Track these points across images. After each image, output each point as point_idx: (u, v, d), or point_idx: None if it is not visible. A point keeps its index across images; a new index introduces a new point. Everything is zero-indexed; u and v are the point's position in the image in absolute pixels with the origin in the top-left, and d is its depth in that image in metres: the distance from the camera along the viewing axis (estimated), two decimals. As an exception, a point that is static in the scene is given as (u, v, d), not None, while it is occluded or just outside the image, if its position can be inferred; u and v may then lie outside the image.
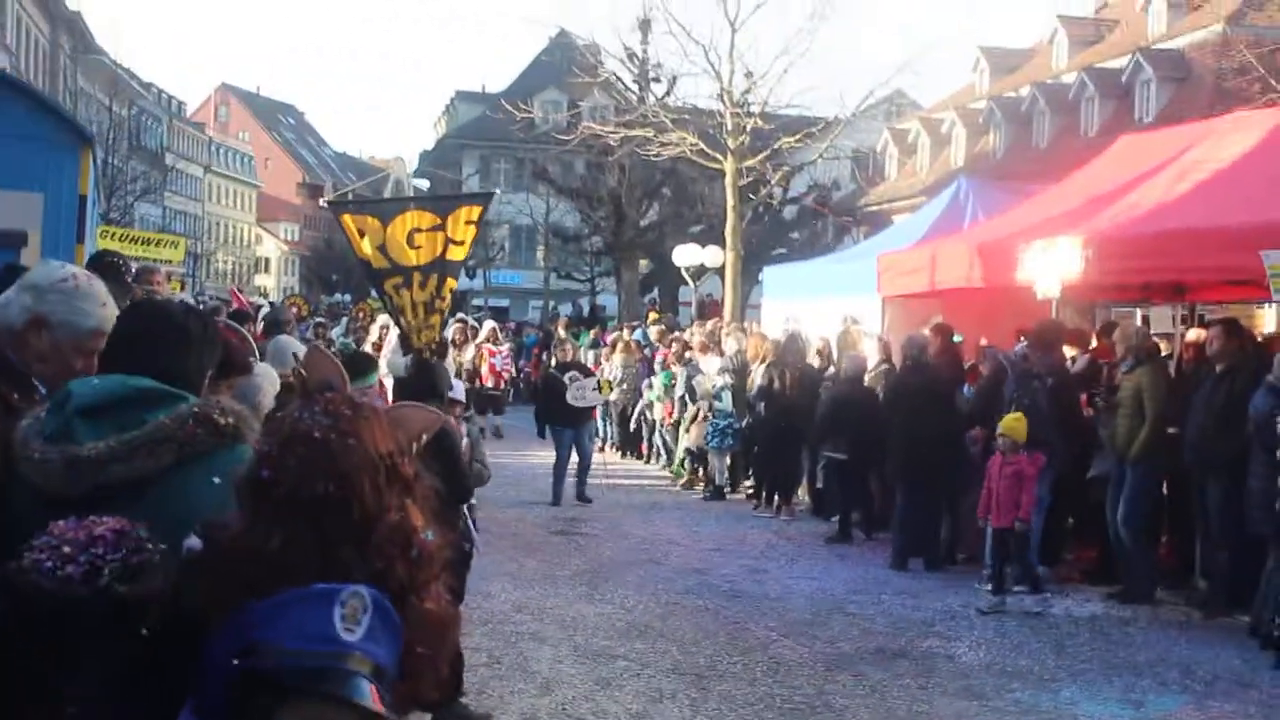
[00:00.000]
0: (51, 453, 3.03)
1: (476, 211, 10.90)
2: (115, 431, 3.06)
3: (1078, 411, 12.79)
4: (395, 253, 10.33)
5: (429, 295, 10.41)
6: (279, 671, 2.34)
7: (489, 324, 27.75)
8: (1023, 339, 13.24)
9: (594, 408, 19.00)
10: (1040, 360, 12.46)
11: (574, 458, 17.85)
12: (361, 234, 10.36)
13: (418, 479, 2.63)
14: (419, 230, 10.41)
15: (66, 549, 2.66)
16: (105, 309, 3.79)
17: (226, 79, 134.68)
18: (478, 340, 25.35)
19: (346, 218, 10.74)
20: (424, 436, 2.94)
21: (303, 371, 4.12)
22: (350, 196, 59.64)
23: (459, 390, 9.83)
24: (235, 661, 2.35)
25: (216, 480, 2.99)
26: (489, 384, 24.73)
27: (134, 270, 10.66)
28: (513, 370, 26.91)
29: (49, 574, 2.62)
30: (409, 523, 2.53)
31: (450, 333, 18.25)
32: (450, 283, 10.68)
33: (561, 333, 28.58)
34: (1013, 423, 11.70)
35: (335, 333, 27.33)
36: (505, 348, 26.53)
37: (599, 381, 18.96)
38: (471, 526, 8.71)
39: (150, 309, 3.68)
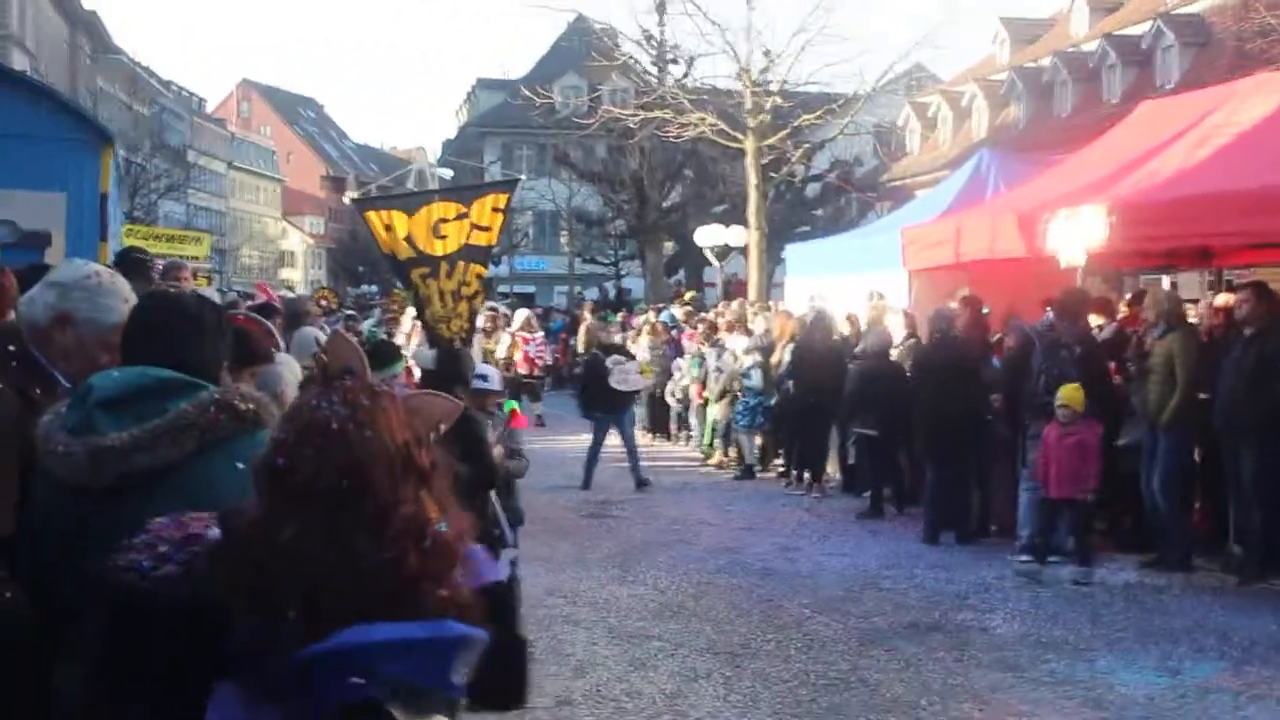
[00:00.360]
0: (75, 445, 3.06)
1: (503, 199, 10.89)
2: (136, 422, 3.08)
3: (1107, 380, 12.73)
4: (422, 243, 10.32)
5: (456, 284, 10.41)
6: (391, 700, 2.42)
7: (523, 312, 27.63)
8: (1049, 309, 13.18)
9: (636, 392, 18.80)
10: (1067, 330, 12.40)
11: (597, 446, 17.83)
12: (387, 228, 10.35)
13: (434, 469, 2.62)
14: (445, 220, 10.40)
15: (163, 548, 2.68)
16: (128, 305, 3.82)
17: (247, 74, 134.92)
18: (512, 328, 25.20)
19: (371, 214, 10.72)
20: (442, 425, 2.93)
21: (324, 356, 4.11)
22: (374, 191, 59.51)
23: (496, 380, 9.79)
24: (357, 681, 2.40)
25: (240, 465, 3.00)
26: (523, 371, 24.51)
27: (161, 267, 10.73)
28: (547, 358, 26.66)
29: (147, 573, 2.64)
30: (423, 514, 2.52)
31: (480, 320, 18.09)
32: (476, 268, 10.62)
33: (591, 316, 28.59)
34: (1072, 392, 11.60)
35: (367, 324, 27.33)
36: (540, 335, 26.35)
37: (640, 365, 18.71)
38: (500, 513, 8.73)
39: (164, 300, 3.70)
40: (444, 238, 10.36)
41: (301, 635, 2.42)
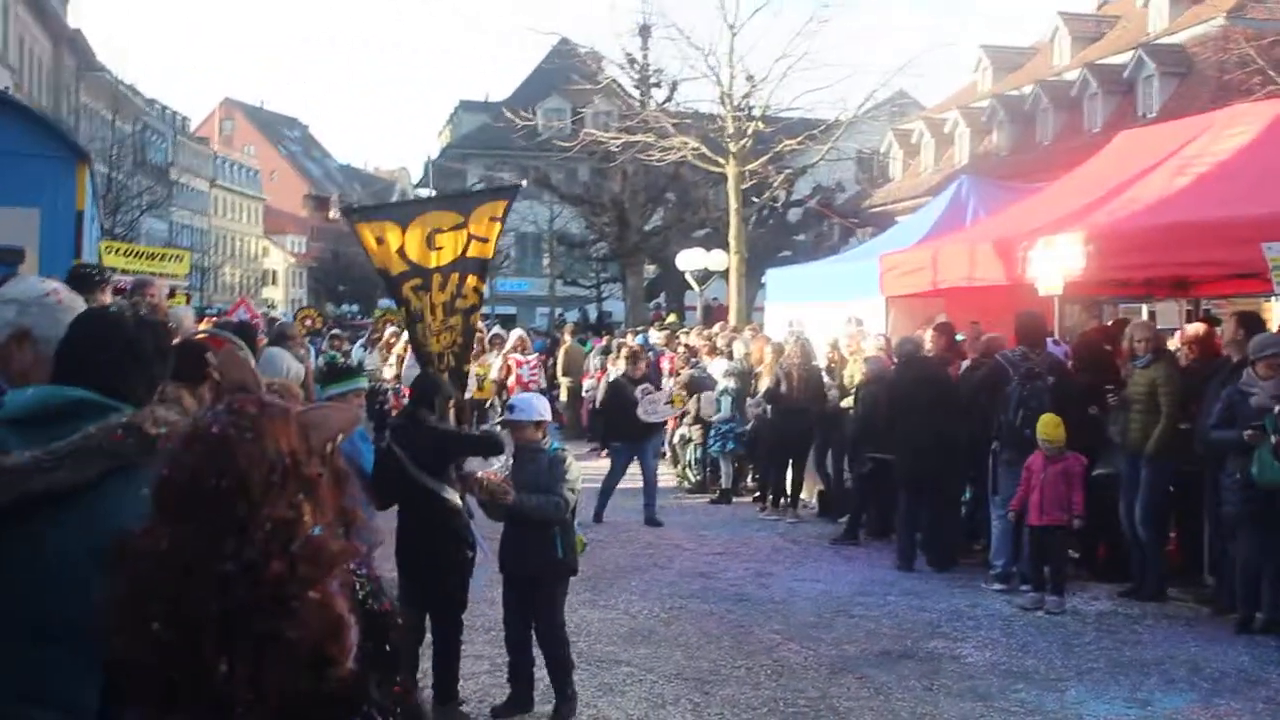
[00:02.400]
0: None
1: (501, 207, 10.48)
2: (47, 442, 3.02)
3: (1081, 409, 12.68)
4: (415, 255, 10.01)
5: (449, 295, 10.06)
6: None
7: (516, 332, 27.00)
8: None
9: (662, 423, 18.09)
10: (1041, 359, 12.36)
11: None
12: (379, 241, 10.04)
13: (324, 479, 2.62)
14: (440, 230, 10.06)
15: None
16: None
17: (230, 93, 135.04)
18: (505, 349, 24.55)
19: (362, 226, 10.40)
20: (340, 435, 2.92)
21: (216, 375, 4.10)
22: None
23: (530, 408, 8.67)
24: None
25: (145, 492, 2.96)
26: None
27: (126, 284, 10.63)
28: (541, 380, 25.52)
29: None
30: (296, 518, 2.51)
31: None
32: (473, 280, 10.22)
33: (571, 339, 28.30)
34: (1052, 428, 11.58)
35: (356, 347, 27.18)
36: (533, 358, 25.54)
37: (671, 395, 17.85)
38: (476, 533, 8.67)
39: (94, 319, 3.61)
40: (439, 249, 10.03)
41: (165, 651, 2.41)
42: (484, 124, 65.18)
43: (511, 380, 23.60)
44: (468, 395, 15.70)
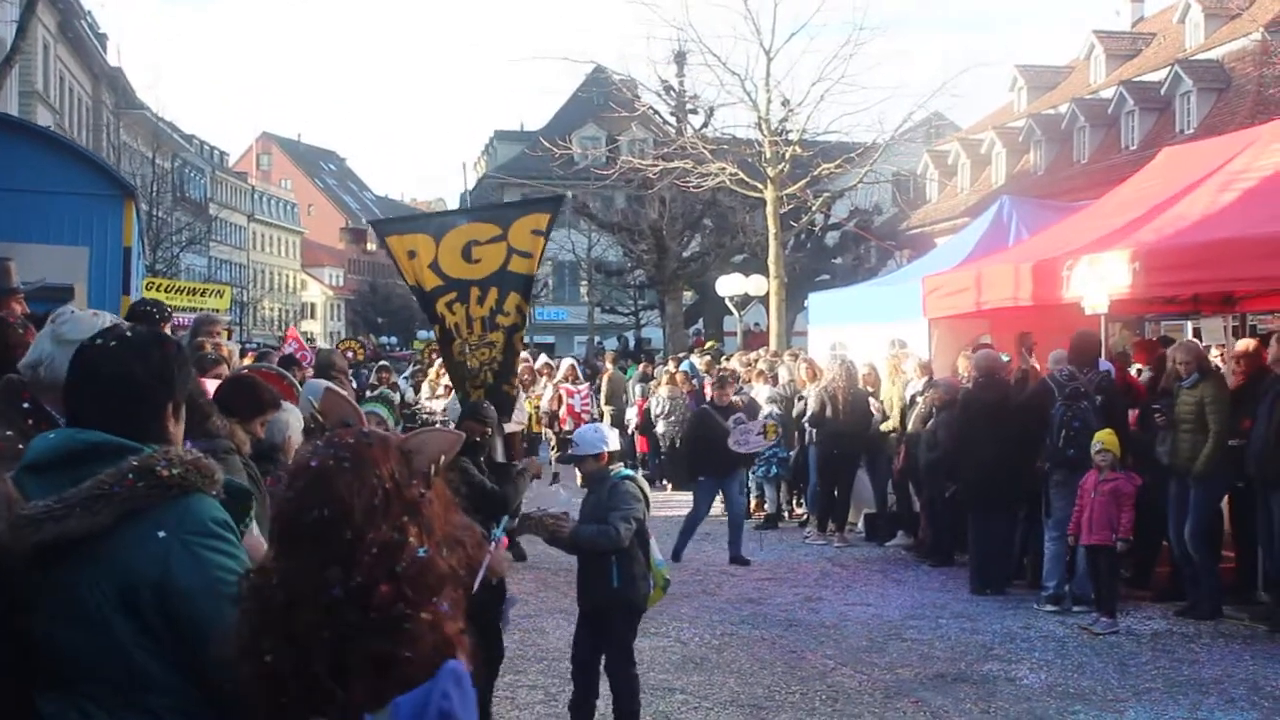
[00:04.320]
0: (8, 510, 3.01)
1: (544, 220, 9.97)
2: (68, 486, 3.03)
3: (1126, 428, 12.60)
4: (449, 268, 9.63)
5: (488, 310, 9.66)
6: None
7: (567, 361, 26.46)
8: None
9: (752, 456, 16.81)
10: (1088, 377, 12.30)
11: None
12: (411, 255, 9.70)
13: (428, 500, 2.66)
14: (477, 243, 9.67)
15: None
16: None
17: (267, 128, 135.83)
18: (555, 379, 23.87)
19: (393, 240, 10.06)
20: (443, 458, 2.95)
21: (319, 416, 4.10)
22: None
23: (601, 443, 8.43)
24: None
25: (162, 534, 2.97)
26: (569, 427, 21.35)
27: (189, 322, 10.65)
28: (594, 410, 24.33)
29: None
30: (400, 540, 2.55)
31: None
32: (515, 298, 9.79)
33: (612, 367, 28.11)
34: (1109, 436, 11.53)
35: (401, 378, 27.18)
36: (585, 387, 24.54)
37: (764, 425, 16.18)
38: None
39: (81, 354, 3.37)
40: (476, 261, 9.62)
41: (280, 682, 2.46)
42: (520, 153, 65.27)
43: (563, 411, 22.85)
44: (517, 427, 15.54)
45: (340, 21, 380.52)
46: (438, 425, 20.40)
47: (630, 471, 8.50)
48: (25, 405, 3.91)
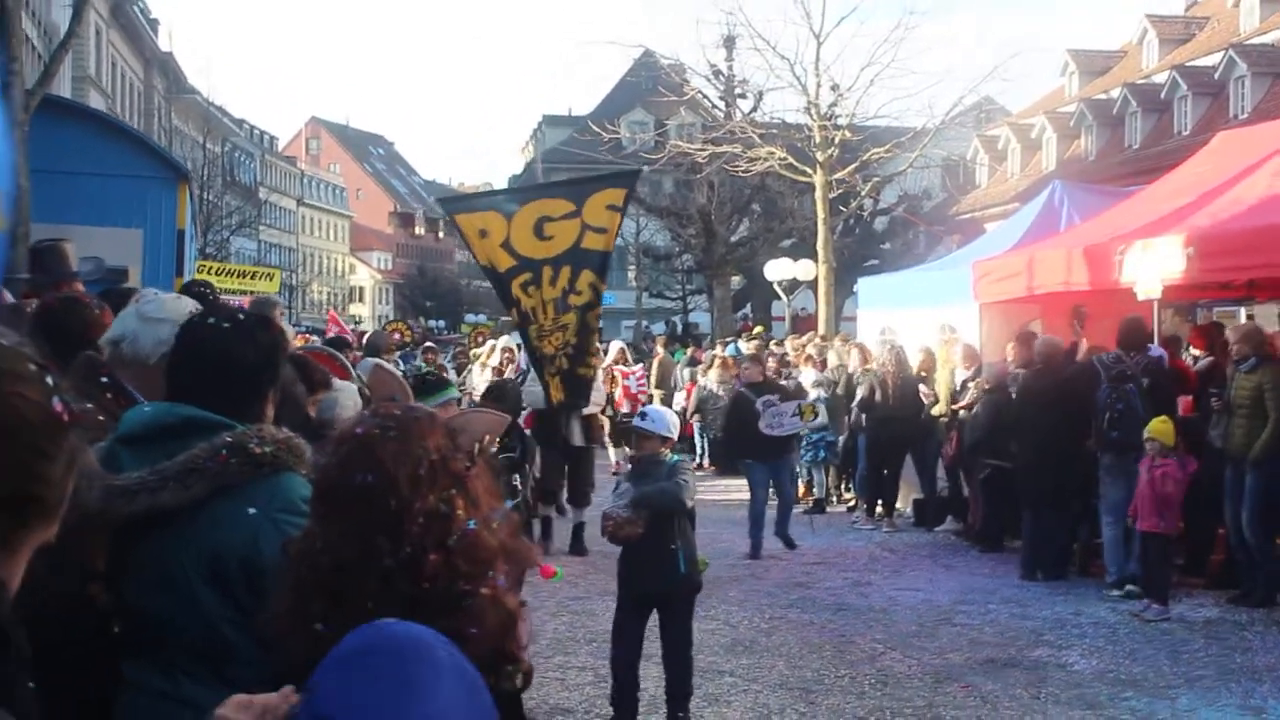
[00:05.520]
0: (95, 480, 3.04)
1: (620, 195, 9.74)
2: (162, 459, 3.08)
3: (1174, 413, 12.48)
4: (522, 247, 9.34)
5: (559, 291, 9.42)
6: None
7: (616, 344, 25.63)
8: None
9: (796, 438, 16.01)
10: (1135, 361, 12.22)
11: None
12: (483, 234, 9.40)
13: (474, 474, 2.65)
14: (549, 219, 9.40)
15: None
16: None
17: (316, 112, 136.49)
18: (605, 363, 22.20)
19: (462, 218, 9.81)
20: (486, 438, 2.96)
21: (366, 390, 4.12)
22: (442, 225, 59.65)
23: (670, 427, 8.46)
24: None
25: (252, 510, 3.02)
26: (625, 409, 21.43)
27: (245, 305, 10.73)
28: (649, 391, 23.52)
29: None
30: (449, 512, 2.54)
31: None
32: (589, 276, 9.51)
33: (663, 350, 27.93)
34: (1160, 425, 11.47)
35: (446, 362, 27.25)
36: (638, 368, 23.77)
37: (800, 406, 15.38)
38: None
39: (190, 332, 3.50)
40: (549, 238, 9.35)
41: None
42: (568, 138, 65.37)
43: (618, 393, 22.07)
44: (596, 409, 15.29)
45: (389, 6, 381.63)
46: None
47: (684, 456, 8.46)
48: (104, 380, 3.95)
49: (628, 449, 16.80)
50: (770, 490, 15.19)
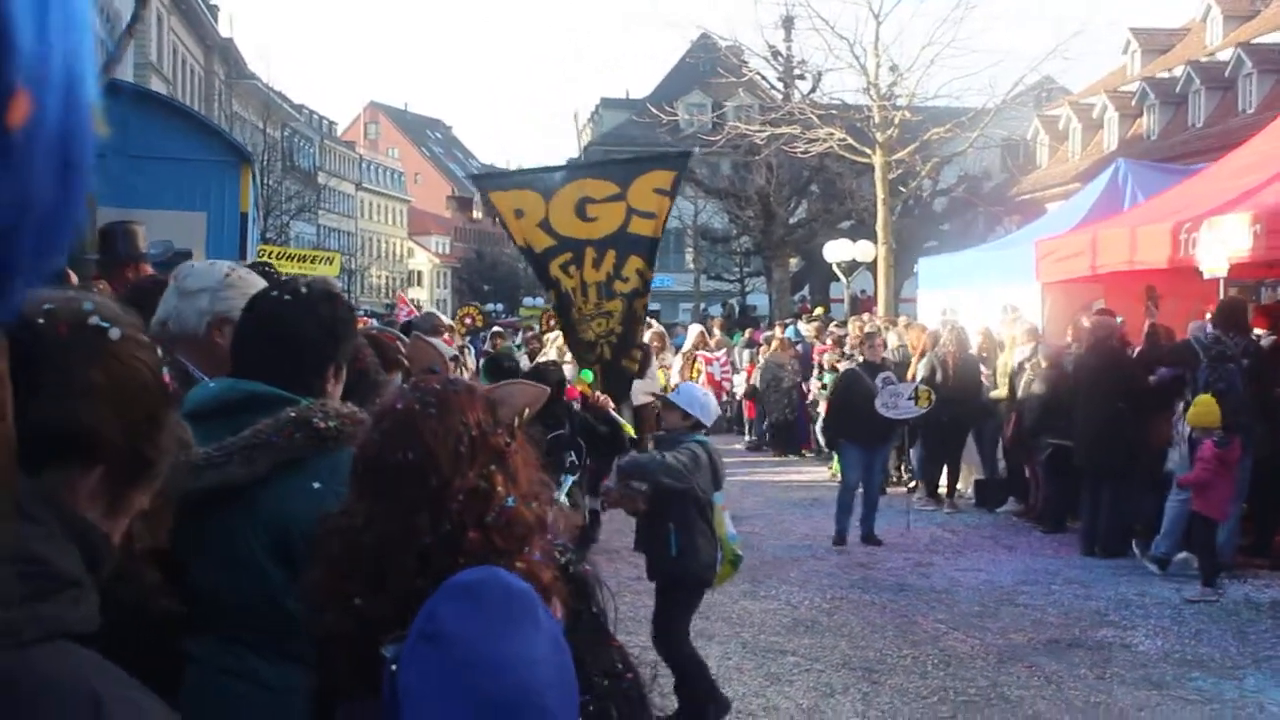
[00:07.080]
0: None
1: (669, 178, 9.18)
2: (227, 435, 3.11)
3: (1272, 394, 12.35)
4: (562, 226, 8.90)
5: (604, 275, 8.96)
6: None
7: (695, 328, 25.39)
8: (1207, 319, 12.80)
9: (900, 425, 15.22)
10: (1235, 341, 12.07)
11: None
12: (519, 214, 9.02)
13: (514, 450, 2.64)
14: (591, 200, 8.96)
15: None
16: None
17: (375, 97, 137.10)
18: (685, 348, 22.64)
19: (496, 196, 9.45)
20: (527, 410, 2.96)
21: (405, 360, 4.13)
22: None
23: (697, 408, 8.15)
24: None
25: (316, 485, 3.03)
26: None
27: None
28: (734, 380, 22.99)
29: None
30: (489, 489, 2.54)
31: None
32: (636, 262, 9.01)
33: (720, 333, 27.69)
34: (1200, 410, 11.36)
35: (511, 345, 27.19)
36: (722, 353, 23.17)
37: (916, 390, 14.73)
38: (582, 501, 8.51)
39: (255, 307, 3.53)
40: (592, 220, 8.91)
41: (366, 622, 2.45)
42: (626, 120, 65.32)
43: (701, 380, 21.17)
44: (647, 399, 15.13)
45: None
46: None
47: (705, 439, 8.19)
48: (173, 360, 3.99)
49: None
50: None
